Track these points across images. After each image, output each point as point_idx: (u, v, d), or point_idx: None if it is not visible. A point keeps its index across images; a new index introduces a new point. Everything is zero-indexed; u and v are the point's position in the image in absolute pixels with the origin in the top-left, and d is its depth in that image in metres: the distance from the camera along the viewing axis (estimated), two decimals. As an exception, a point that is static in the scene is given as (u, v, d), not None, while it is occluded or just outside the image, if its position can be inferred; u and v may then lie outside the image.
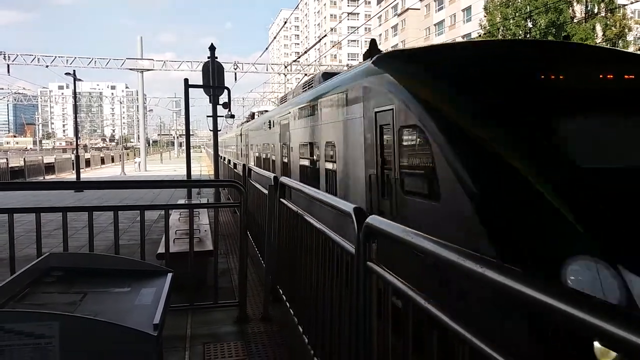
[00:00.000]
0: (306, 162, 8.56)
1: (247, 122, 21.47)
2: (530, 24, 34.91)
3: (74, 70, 25.50)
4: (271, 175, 5.32)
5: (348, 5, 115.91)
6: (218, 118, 13.67)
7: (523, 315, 2.58)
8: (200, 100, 54.82)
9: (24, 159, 29.74)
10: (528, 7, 34.07)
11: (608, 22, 32.93)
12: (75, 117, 24.58)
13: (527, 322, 2.61)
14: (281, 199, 4.82)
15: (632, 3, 31.11)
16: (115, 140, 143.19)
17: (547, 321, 2.34)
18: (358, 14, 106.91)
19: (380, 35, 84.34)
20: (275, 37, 34.03)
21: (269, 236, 5.19)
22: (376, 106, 4.96)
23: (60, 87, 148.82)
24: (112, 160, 48.08)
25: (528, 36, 33.95)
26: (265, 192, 5.42)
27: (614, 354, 1.11)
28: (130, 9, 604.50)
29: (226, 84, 13.03)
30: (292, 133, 9.81)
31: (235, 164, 11.63)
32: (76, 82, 24.95)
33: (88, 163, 39.31)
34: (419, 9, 69.75)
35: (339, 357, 2.92)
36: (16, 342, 2.20)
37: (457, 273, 1.55)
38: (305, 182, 6.05)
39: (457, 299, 2.78)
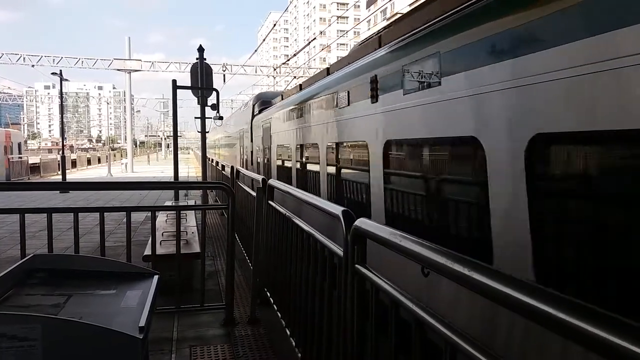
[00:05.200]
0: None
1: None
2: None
3: (61, 70, 25.26)
4: (259, 177, 5.31)
5: (337, 9, 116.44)
6: (206, 120, 13.61)
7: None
8: (188, 102, 54.55)
9: (8, 159, 29.33)
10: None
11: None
12: (62, 118, 24.31)
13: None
14: (269, 201, 4.81)
15: None
16: (102, 141, 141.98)
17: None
18: (347, 17, 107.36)
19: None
20: (264, 40, 33.97)
21: (257, 238, 5.17)
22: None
23: (47, 87, 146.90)
24: (99, 161, 47.68)
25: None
26: (254, 194, 5.41)
27: None
28: (119, 9, 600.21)
29: (215, 86, 13.00)
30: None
31: (223, 166, 11.68)
32: (63, 82, 24.69)
33: (74, 164, 38.95)
34: (408, 14, 70.16)
35: (326, 360, 2.91)
36: (-2, 345, 2.16)
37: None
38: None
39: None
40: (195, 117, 13.76)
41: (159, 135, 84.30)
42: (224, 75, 37.98)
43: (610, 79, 2.07)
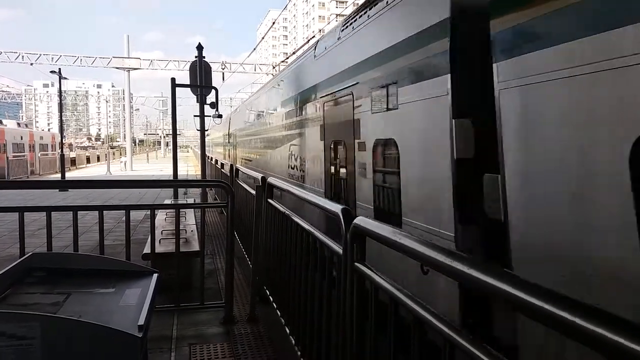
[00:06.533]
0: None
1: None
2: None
3: (59, 69, 25.22)
4: (259, 175, 5.31)
5: (336, 7, 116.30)
6: (205, 118, 13.60)
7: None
8: (187, 100, 54.32)
9: (7, 157, 29.31)
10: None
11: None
12: (61, 116, 24.28)
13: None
14: (269, 200, 4.80)
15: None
16: (101, 140, 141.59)
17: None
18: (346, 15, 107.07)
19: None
20: (263, 38, 33.95)
21: (256, 236, 5.17)
22: None
23: (45, 85, 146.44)
24: (98, 160, 47.73)
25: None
26: (253, 192, 5.40)
27: None
28: (118, 6, 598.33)
29: (214, 84, 12.97)
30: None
31: (222, 164, 11.66)
32: (61, 80, 24.66)
33: (73, 162, 38.97)
34: (407, 11, 70.03)
35: (326, 358, 2.91)
36: (-3, 343, 2.16)
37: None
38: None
39: None
40: (195, 115, 13.73)
41: (158, 134, 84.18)
42: (223, 73, 37.97)
43: None
